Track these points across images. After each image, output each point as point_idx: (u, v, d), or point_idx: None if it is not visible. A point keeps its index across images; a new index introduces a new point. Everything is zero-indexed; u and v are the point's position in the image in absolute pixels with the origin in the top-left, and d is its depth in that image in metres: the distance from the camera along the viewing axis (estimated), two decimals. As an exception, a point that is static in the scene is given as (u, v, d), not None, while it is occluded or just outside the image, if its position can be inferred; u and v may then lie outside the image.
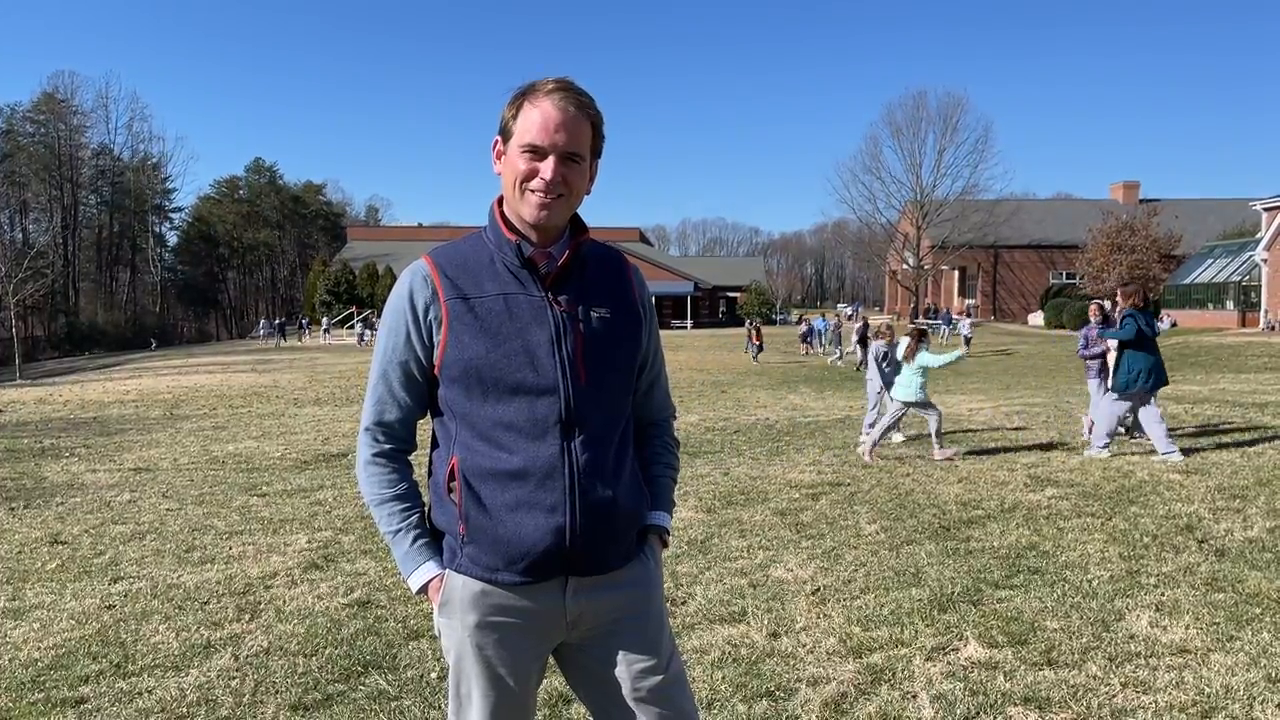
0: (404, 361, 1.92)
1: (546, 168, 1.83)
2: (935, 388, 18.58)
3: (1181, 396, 14.59)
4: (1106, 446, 8.90)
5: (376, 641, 4.38)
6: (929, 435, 9.40)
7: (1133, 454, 8.93)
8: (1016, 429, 11.17)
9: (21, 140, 74.42)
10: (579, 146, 1.85)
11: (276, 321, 59.85)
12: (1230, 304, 39.26)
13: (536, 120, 1.83)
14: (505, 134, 1.89)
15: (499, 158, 1.92)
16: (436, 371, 1.90)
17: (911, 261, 53.08)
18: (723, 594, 4.93)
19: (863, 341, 24.28)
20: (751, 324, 34.28)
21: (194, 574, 5.74)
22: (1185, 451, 8.63)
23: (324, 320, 58.01)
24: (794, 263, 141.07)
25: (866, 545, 5.85)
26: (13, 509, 8.19)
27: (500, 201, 1.95)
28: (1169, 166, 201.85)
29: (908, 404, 9.36)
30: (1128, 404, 8.85)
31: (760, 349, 29.42)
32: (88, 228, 79.57)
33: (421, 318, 1.89)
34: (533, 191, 1.85)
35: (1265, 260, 36.60)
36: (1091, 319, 10.53)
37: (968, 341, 30.16)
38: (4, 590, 5.55)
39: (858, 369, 23.60)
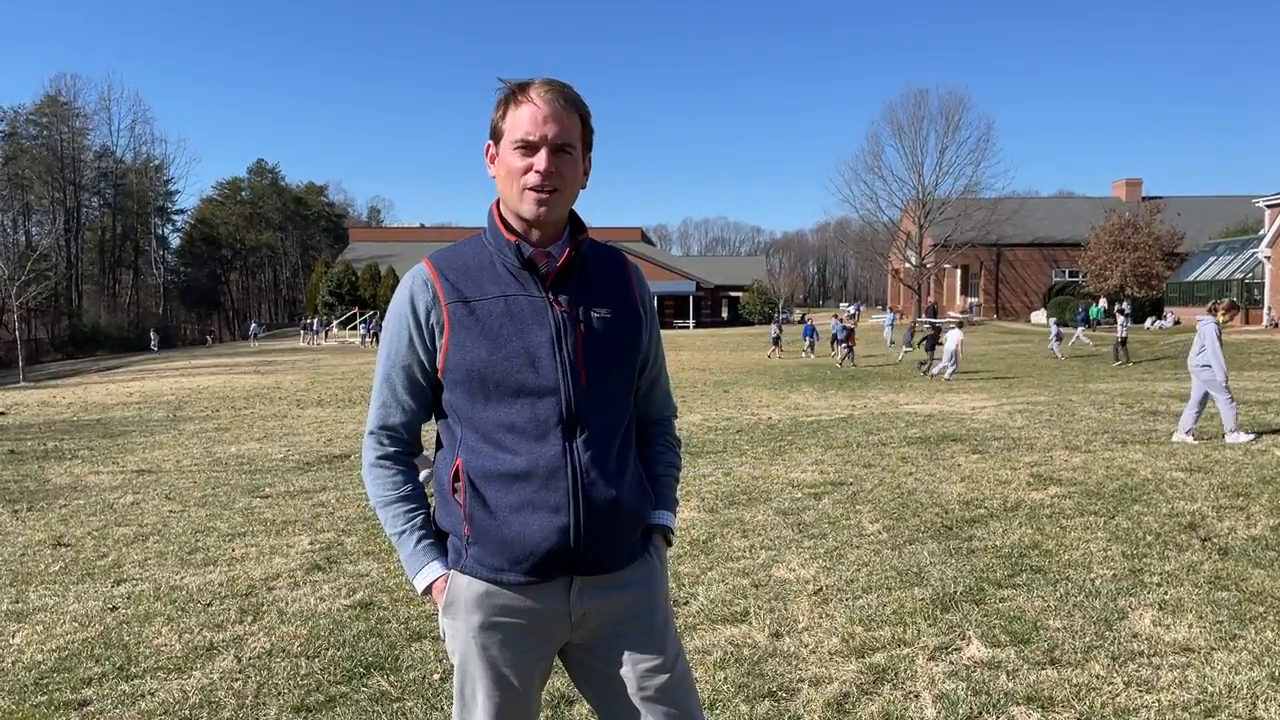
0: (407, 366, 1.93)
1: (540, 160, 1.84)
2: (939, 385, 18.57)
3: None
4: None
5: (379, 643, 4.38)
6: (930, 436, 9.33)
7: (1137, 453, 8.91)
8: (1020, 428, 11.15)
9: (24, 143, 74.49)
10: (570, 138, 1.86)
11: (310, 320, 59.22)
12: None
13: (526, 116, 1.84)
14: (496, 136, 1.91)
15: (492, 161, 1.94)
16: (440, 375, 1.91)
17: (914, 260, 52.98)
18: (725, 594, 4.92)
19: (930, 341, 22.64)
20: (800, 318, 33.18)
21: (197, 576, 5.74)
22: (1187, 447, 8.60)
23: (314, 321, 57.74)
24: (796, 262, 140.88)
25: (869, 545, 5.84)
26: (16, 511, 8.20)
27: (498, 204, 1.96)
28: (1171, 164, 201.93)
29: None
30: None
31: (850, 350, 26.24)
32: (90, 230, 79.65)
33: (423, 322, 1.90)
34: (529, 188, 1.86)
35: (1268, 257, 36.52)
36: None
37: (1123, 347, 23.99)
38: (7, 593, 5.55)
39: (924, 370, 21.72)
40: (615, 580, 1.94)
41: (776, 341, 32.12)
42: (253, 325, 69.49)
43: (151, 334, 59.36)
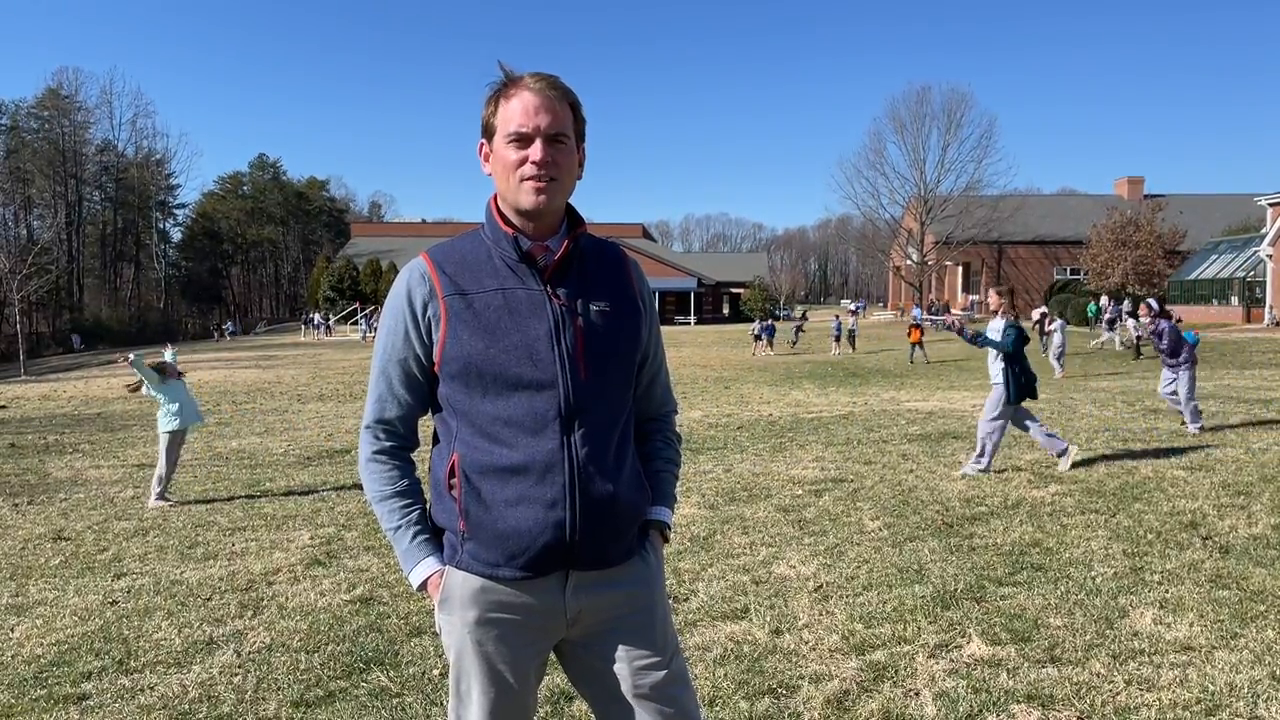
0: (403, 359, 1.93)
1: (535, 150, 1.84)
2: (939, 383, 18.56)
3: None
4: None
5: (379, 638, 4.38)
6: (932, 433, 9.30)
7: (1138, 451, 8.90)
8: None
9: (26, 136, 74.45)
10: (563, 127, 1.86)
11: (312, 315, 58.75)
12: (1235, 300, 39.11)
13: (517, 109, 1.85)
14: (488, 132, 1.91)
15: (486, 159, 1.93)
16: (436, 368, 1.90)
17: (915, 257, 52.95)
18: (725, 591, 4.92)
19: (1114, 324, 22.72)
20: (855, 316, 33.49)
21: (197, 570, 5.74)
22: (1192, 448, 8.60)
23: (315, 315, 57.71)
24: (797, 258, 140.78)
25: (869, 542, 5.83)
26: (16, 505, 8.21)
27: (496, 198, 1.95)
28: (1173, 162, 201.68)
29: None
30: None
31: (917, 347, 25.96)
32: (92, 224, 79.61)
33: (420, 315, 1.90)
34: (526, 179, 1.85)
35: (1270, 256, 36.47)
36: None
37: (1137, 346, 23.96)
38: (7, 586, 5.55)
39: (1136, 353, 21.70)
40: (611, 576, 1.93)
41: (758, 338, 32.18)
42: (228, 325, 68.78)
43: (73, 336, 57.50)
